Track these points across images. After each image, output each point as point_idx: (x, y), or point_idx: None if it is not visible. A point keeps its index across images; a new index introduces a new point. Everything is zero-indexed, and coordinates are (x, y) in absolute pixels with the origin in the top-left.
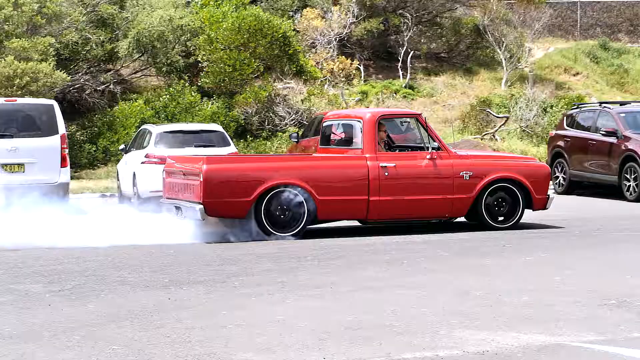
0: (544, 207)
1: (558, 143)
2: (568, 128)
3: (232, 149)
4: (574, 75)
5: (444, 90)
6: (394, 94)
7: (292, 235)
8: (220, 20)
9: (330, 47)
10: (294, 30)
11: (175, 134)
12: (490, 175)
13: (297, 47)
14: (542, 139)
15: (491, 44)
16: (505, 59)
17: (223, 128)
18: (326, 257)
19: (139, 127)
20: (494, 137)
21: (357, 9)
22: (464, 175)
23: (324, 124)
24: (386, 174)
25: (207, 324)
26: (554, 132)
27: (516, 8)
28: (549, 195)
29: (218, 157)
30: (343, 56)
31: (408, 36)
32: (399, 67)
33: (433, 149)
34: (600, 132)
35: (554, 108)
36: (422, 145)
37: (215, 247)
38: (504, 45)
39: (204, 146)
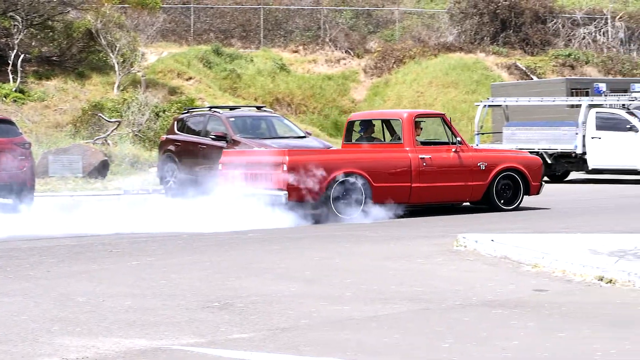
0: (537, 193)
1: (169, 147)
2: (179, 132)
3: None
4: (187, 79)
5: (55, 94)
6: (4, 98)
7: (356, 216)
8: None
9: None
10: None
11: None
12: (500, 166)
13: None
14: (154, 144)
15: (104, 48)
16: (118, 63)
17: None
18: None
19: None
20: (106, 141)
21: None
22: (481, 165)
23: (349, 123)
24: (424, 164)
25: None
26: (165, 136)
27: (130, 13)
28: (542, 182)
29: (296, 149)
30: None
31: (19, 39)
32: (9, 70)
33: (457, 143)
34: (210, 136)
35: (166, 112)
36: (447, 140)
37: None
38: (117, 50)
39: None
